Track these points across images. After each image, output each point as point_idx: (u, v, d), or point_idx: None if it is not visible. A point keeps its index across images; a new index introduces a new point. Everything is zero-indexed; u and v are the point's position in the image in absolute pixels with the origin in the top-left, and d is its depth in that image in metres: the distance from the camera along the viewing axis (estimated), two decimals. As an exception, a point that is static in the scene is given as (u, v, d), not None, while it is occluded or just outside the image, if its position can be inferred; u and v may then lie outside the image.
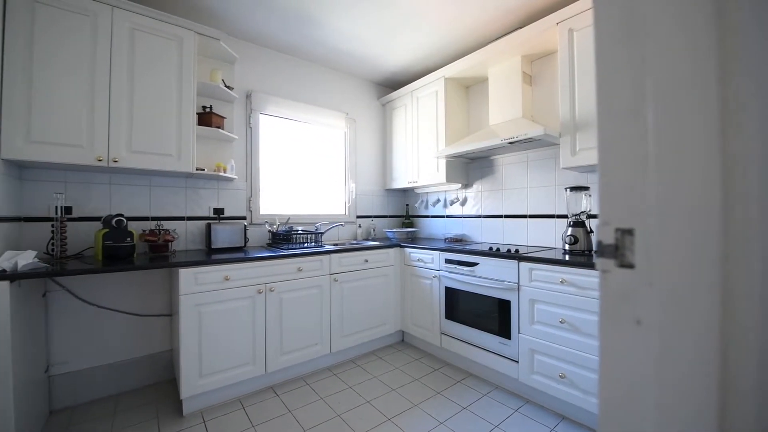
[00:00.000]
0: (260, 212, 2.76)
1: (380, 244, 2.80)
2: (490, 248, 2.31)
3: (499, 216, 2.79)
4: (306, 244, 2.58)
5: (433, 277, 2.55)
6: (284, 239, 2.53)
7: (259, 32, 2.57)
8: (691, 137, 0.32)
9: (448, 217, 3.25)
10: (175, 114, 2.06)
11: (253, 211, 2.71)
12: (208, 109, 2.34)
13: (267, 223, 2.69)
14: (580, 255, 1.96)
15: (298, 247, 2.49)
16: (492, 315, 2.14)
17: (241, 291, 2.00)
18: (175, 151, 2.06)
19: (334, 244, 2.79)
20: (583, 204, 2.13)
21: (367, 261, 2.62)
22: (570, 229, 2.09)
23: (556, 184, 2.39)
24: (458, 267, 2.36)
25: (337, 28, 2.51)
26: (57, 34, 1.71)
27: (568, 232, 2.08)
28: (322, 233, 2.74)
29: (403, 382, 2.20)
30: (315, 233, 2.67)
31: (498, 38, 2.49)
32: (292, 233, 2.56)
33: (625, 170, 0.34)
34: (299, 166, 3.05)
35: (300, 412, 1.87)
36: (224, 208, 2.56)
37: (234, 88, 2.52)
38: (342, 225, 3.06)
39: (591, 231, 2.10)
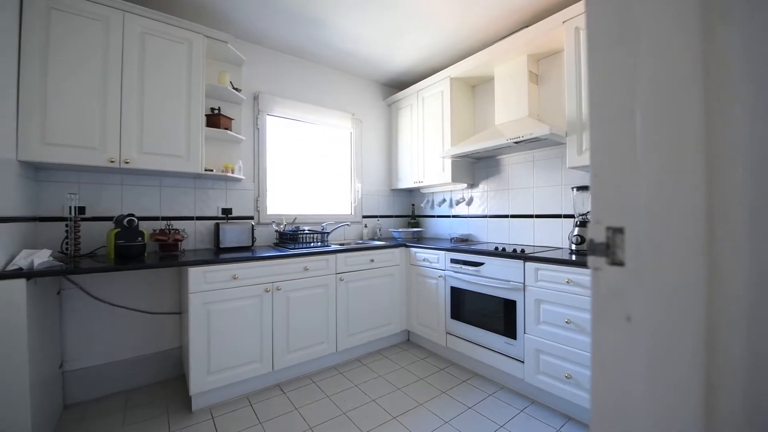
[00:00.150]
0: (267, 212, 2.79)
1: (386, 243, 2.82)
2: (496, 248, 2.31)
3: (505, 216, 2.78)
4: (312, 244, 2.61)
5: (439, 277, 2.55)
6: (291, 239, 2.56)
7: (266, 34, 2.60)
8: (678, 138, 0.32)
9: (453, 217, 3.25)
10: (185, 116, 2.10)
11: (261, 211, 2.75)
12: (216, 111, 2.38)
13: (274, 222, 2.72)
14: (586, 255, 1.95)
15: (305, 246, 2.52)
16: (497, 315, 2.14)
17: (249, 290, 2.03)
18: (185, 152, 2.10)
19: (340, 244, 2.82)
20: (590, 204, 2.12)
21: (373, 261, 2.63)
22: (576, 229, 2.08)
23: (563, 184, 2.38)
24: (464, 267, 2.36)
25: (342, 29, 2.53)
26: (71, 39, 1.76)
27: (575, 232, 2.07)
28: (329, 233, 2.77)
29: (409, 382, 2.21)
30: (321, 233, 2.70)
31: (504, 38, 2.48)
32: (299, 233, 2.58)
33: (616, 170, 0.35)
34: (306, 166, 3.08)
35: (306, 410, 1.90)
36: (232, 208, 2.60)
37: (241, 90, 2.56)
38: (348, 225, 3.08)
39: (598, 231, 2.07)
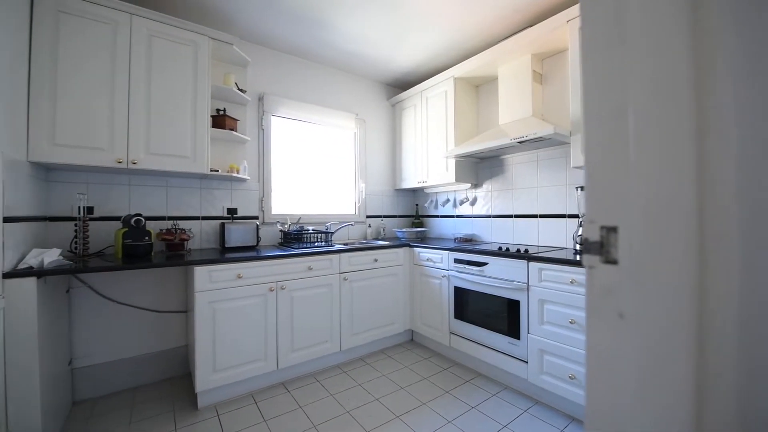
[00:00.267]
0: (272, 212, 2.81)
1: (389, 243, 2.82)
2: (500, 248, 2.31)
3: (509, 216, 2.77)
4: (316, 244, 2.62)
5: (442, 277, 2.55)
6: (295, 238, 2.58)
7: (271, 35, 2.62)
8: (670, 138, 0.33)
9: (457, 216, 3.25)
10: (191, 117, 2.12)
11: (265, 211, 2.77)
12: (221, 112, 2.41)
13: (278, 222, 2.74)
14: (591, 255, 1.94)
15: (309, 246, 2.53)
16: (501, 315, 2.14)
17: (254, 289, 2.05)
18: (191, 153, 2.12)
19: (344, 244, 2.83)
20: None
21: (377, 260, 2.64)
22: (581, 229, 2.07)
23: (567, 184, 2.37)
24: (467, 267, 2.36)
25: (346, 30, 2.54)
26: (79, 42, 1.79)
27: (579, 232, 2.06)
28: (333, 233, 2.78)
29: (412, 381, 2.22)
30: (325, 233, 2.71)
31: (507, 37, 2.48)
32: (303, 233, 2.60)
33: (610, 170, 0.36)
34: (310, 166, 3.09)
35: (310, 408, 1.91)
36: (237, 208, 2.62)
37: (246, 91, 2.58)
38: (352, 225, 3.09)
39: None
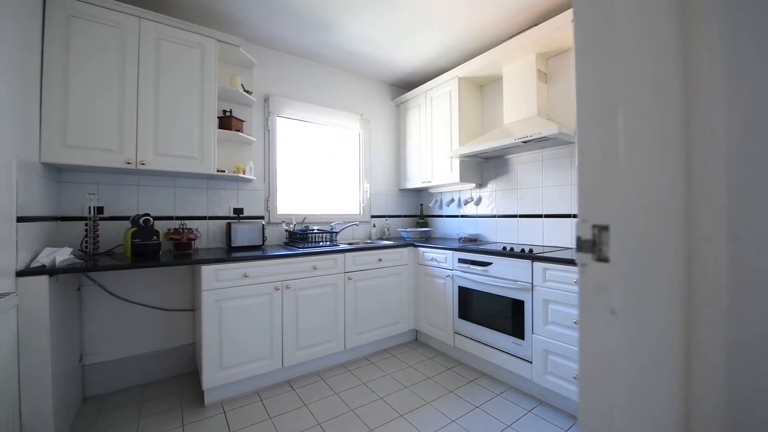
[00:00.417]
0: (277, 212, 2.84)
1: (394, 243, 2.83)
2: (504, 248, 2.30)
3: (514, 216, 2.77)
4: (321, 243, 2.64)
5: (447, 277, 2.56)
6: (300, 238, 2.60)
7: (276, 37, 2.65)
8: (658, 139, 0.34)
9: (462, 216, 3.25)
10: (198, 118, 2.16)
11: (271, 211, 2.80)
12: (228, 113, 2.44)
13: (284, 222, 2.77)
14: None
15: (314, 246, 2.55)
16: (505, 315, 2.13)
17: (259, 288, 2.07)
18: (198, 154, 2.15)
19: (348, 244, 2.84)
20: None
21: (381, 260, 2.65)
22: (586, 228, 2.06)
23: (572, 183, 2.36)
24: (472, 267, 2.36)
25: (350, 31, 2.56)
26: (90, 46, 1.83)
27: (584, 232, 2.05)
28: (337, 232, 2.80)
29: (416, 380, 2.22)
30: (330, 232, 2.73)
31: (512, 37, 2.47)
32: (308, 232, 2.62)
33: (601, 170, 0.36)
34: (315, 166, 3.12)
35: (315, 406, 1.93)
36: (243, 208, 2.65)
37: (252, 93, 2.61)
38: (356, 224, 3.10)
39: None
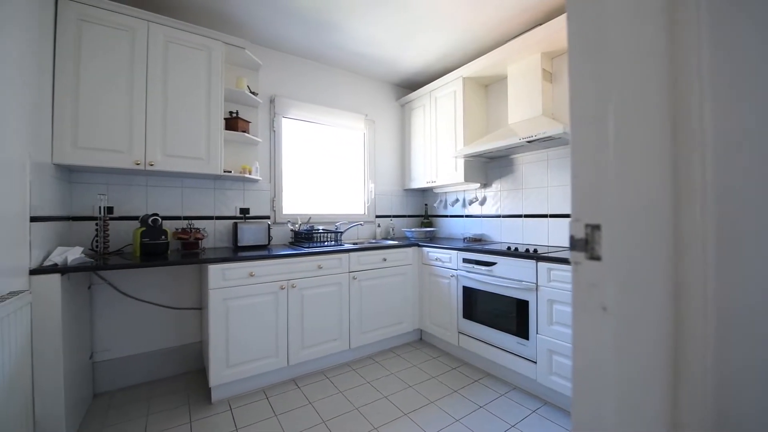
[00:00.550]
0: (283, 212, 2.87)
1: (398, 243, 2.84)
2: (508, 248, 2.30)
3: (519, 216, 2.76)
4: (326, 243, 2.66)
5: (451, 277, 2.56)
6: (306, 238, 2.62)
7: (281, 39, 2.67)
8: (647, 141, 0.34)
9: (467, 216, 3.24)
10: (205, 119, 2.19)
11: (277, 211, 2.83)
12: (234, 114, 2.47)
13: (289, 222, 2.79)
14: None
15: (319, 245, 2.58)
16: (510, 315, 2.13)
17: (265, 287, 2.10)
18: (205, 155, 2.19)
19: (353, 243, 2.86)
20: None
21: (386, 260, 2.67)
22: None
23: (578, 183, 2.34)
24: (476, 266, 2.37)
25: (355, 32, 2.58)
26: (100, 49, 1.87)
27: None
28: (342, 232, 2.82)
29: (421, 380, 2.23)
30: (335, 232, 2.75)
31: (516, 36, 2.47)
32: (313, 232, 2.65)
33: (592, 170, 0.37)
34: (320, 167, 3.14)
35: (320, 404, 1.95)
36: (249, 208, 2.69)
37: (258, 94, 2.64)
38: (361, 224, 3.12)
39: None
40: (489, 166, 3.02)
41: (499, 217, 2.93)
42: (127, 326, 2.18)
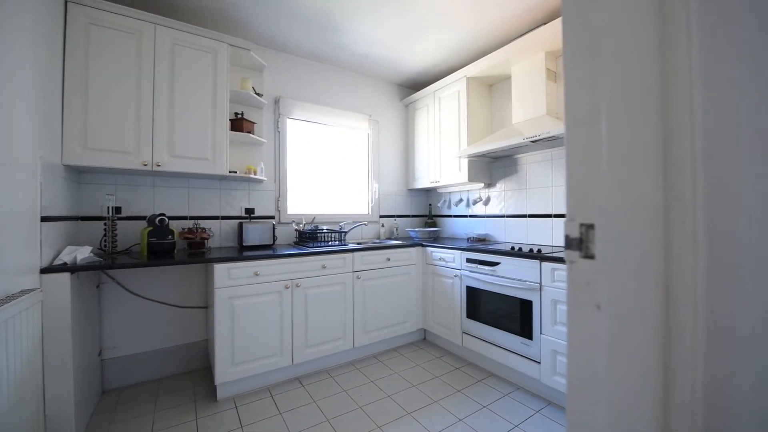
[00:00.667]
0: (288, 212, 2.89)
1: (402, 243, 2.85)
2: (512, 248, 2.30)
3: (523, 215, 2.75)
4: (330, 243, 2.68)
5: (455, 276, 2.56)
6: (310, 238, 2.64)
7: (285, 40, 2.69)
8: (638, 142, 0.35)
9: (471, 216, 3.24)
10: (210, 121, 2.21)
11: (281, 211, 2.85)
12: (239, 116, 2.49)
13: (294, 222, 2.81)
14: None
15: (323, 245, 2.59)
16: (513, 315, 2.13)
17: (270, 286, 2.12)
18: (211, 155, 2.21)
19: (357, 243, 2.88)
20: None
21: (389, 260, 2.67)
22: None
23: (582, 183, 2.33)
24: (480, 266, 2.36)
25: (358, 33, 2.59)
26: (108, 52, 1.90)
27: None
28: (346, 232, 2.83)
29: (424, 379, 2.24)
30: (339, 232, 2.77)
31: (520, 36, 2.46)
32: (318, 232, 2.66)
33: (586, 171, 0.38)
34: (324, 167, 3.16)
35: (324, 403, 1.96)
36: (254, 208, 2.71)
37: (263, 95, 2.66)
38: (365, 224, 3.13)
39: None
40: (493, 166, 3.01)
41: (503, 217, 2.93)
42: (135, 324, 2.21)
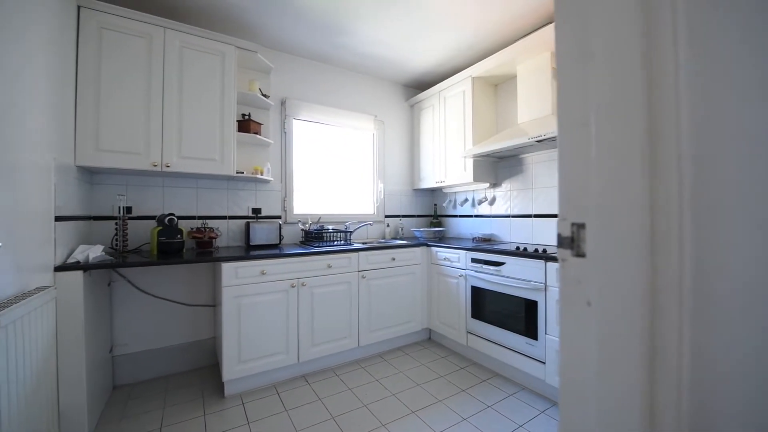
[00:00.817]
0: (294, 212, 2.92)
1: (407, 243, 2.86)
2: (517, 248, 2.29)
3: (529, 215, 2.74)
4: (336, 243, 2.70)
5: (460, 276, 2.56)
6: (316, 237, 2.67)
7: (292, 42, 2.72)
8: (625, 144, 0.36)
9: (476, 216, 3.24)
10: (218, 122, 2.25)
11: (288, 211, 2.88)
12: (246, 117, 2.53)
13: (300, 222, 2.84)
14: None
15: (329, 245, 2.61)
16: (518, 315, 2.13)
17: (276, 285, 2.15)
18: (219, 156, 2.25)
19: (362, 243, 2.89)
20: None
21: (395, 259, 2.69)
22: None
23: (589, 183, 2.32)
24: (484, 266, 2.36)
25: (363, 34, 2.60)
26: (119, 55, 1.95)
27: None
28: (352, 232, 2.85)
29: (429, 378, 2.25)
30: (345, 232, 2.79)
31: (526, 35, 2.45)
32: (323, 232, 2.69)
33: (577, 171, 0.39)
34: (330, 167, 3.18)
35: (329, 400, 1.98)
36: (261, 208, 2.75)
37: (270, 96, 2.69)
38: (371, 224, 3.15)
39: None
40: (498, 166, 3.00)
41: (508, 216, 2.92)
42: (145, 322, 2.26)
